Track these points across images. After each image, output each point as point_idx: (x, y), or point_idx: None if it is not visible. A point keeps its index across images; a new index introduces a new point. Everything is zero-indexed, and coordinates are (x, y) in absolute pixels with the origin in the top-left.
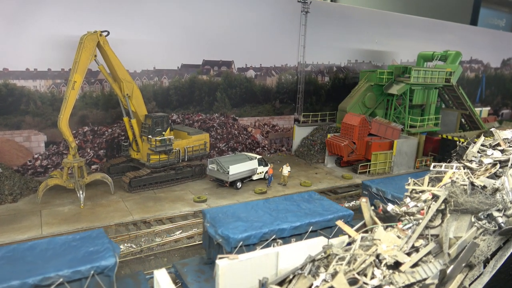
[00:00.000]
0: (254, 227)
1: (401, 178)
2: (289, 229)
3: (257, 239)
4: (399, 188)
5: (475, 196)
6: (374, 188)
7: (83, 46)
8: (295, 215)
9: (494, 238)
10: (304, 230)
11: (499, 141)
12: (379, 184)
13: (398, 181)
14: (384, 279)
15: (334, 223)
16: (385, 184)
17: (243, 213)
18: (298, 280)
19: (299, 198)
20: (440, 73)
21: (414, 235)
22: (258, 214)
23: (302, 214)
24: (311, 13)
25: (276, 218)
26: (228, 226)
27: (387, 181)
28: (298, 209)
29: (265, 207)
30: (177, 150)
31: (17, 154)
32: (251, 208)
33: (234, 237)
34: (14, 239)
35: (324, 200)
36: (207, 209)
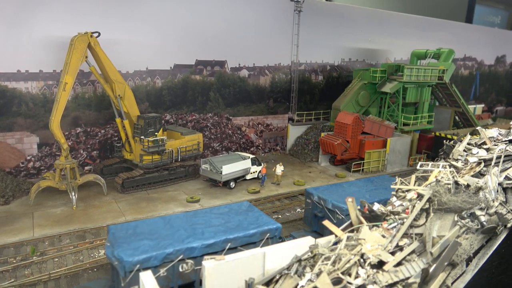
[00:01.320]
0: (159, 247)
1: (351, 184)
2: (200, 248)
3: (158, 261)
4: (343, 197)
5: (458, 195)
6: (316, 196)
7: (74, 48)
8: (214, 231)
9: (477, 236)
10: (220, 248)
11: (485, 140)
12: (322, 192)
13: (346, 187)
14: (368, 278)
15: (258, 238)
16: (329, 192)
17: (156, 229)
18: (284, 280)
19: (229, 209)
20: (433, 71)
21: (398, 234)
22: (172, 230)
23: (222, 229)
24: (304, 12)
25: (191, 234)
26: (128, 246)
27: (332, 188)
28: (223, 222)
29: (185, 221)
30: (170, 150)
31: (10, 156)
32: (168, 223)
33: (128, 260)
34: (5, 241)
35: (255, 211)
36: (113, 226)
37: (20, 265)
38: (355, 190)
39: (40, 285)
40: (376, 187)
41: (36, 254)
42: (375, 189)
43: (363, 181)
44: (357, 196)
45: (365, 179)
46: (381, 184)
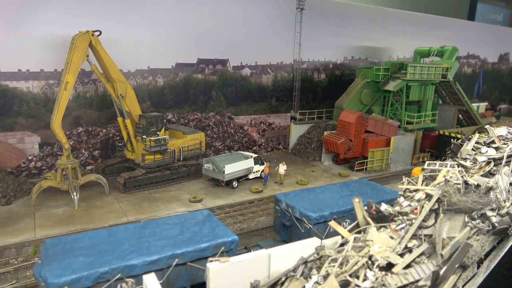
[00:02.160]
0: (93, 265)
1: (324, 189)
2: (142, 266)
3: (91, 282)
4: (312, 204)
5: (468, 196)
6: (284, 203)
7: (75, 46)
8: (162, 245)
9: (488, 238)
10: (165, 264)
11: (494, 139)
12: (291, 198)
13: (318, 193)
14: (377, 281)
15: (211, 252)
16: (299, 198)
17: (97, 243)
18: (290, 283)
19: (185, 219)
20: (437, 69)
21: (407, 235)
22: (116, 244)
23: (171, 243)
24: (307, 10)
25: (136, 249)
26: (58, 264)
27: (304, 194)
28: (174, 235)
29: (132, 233)
30: (172, 150)
31: (11, 156)
32: (113, 235)
33: (53, 282)
34: (6, 242)
35: (214, 221)
36: (49, 240)
37: (21, 266)
38: (327, 196)
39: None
40: (352, 192)
41: (37, 255)
42: (350, 194)
43: (339, 186)
44: (329, 202)
45: (341, 183)
46: (358, 189)
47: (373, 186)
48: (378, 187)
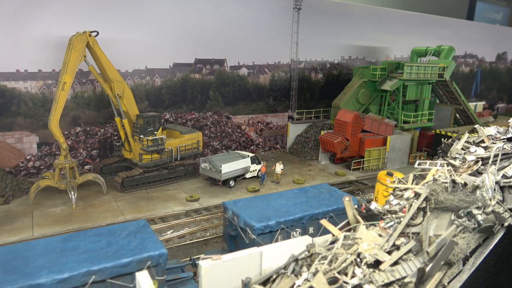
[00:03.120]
0: None
1: (280, 195)
2: (51, 284)
3: None
4: (260, 212)
5: (455, 194)
6: (230, 211)
7: (72, 47)
8: (80, 260)
9: (474, 235)
10: (80, 282)
11: (483, 138)
12: (239, 206)
13: (272, 199)
14: (364, 278)
15: (135, 268)
16: (248, 206)
17: (9, 259)
18: (281, 280)
19: (117, 229)
20: (433, 68)
21: (395, 233)
22: (31, 259)
23: (91, 258)
24: (304, 9)
25: (51, 265)
26: None
27: (255, 201)
28: (98, 248)
29: (54, 246)
30: (170, 149)
31: (9, 156)
32: (30, 250)
33: None
34: (4, 241)
35: (147, 232)
36: None
37: None
38: (280, 203)
39: None
40: (308, 199)
41: None
42: (305, 201)
43: (296, 192)
44: (280, 210)
45: (300, 189)
46: (315, 195)
47: (333, 191)
48: (337, 192)
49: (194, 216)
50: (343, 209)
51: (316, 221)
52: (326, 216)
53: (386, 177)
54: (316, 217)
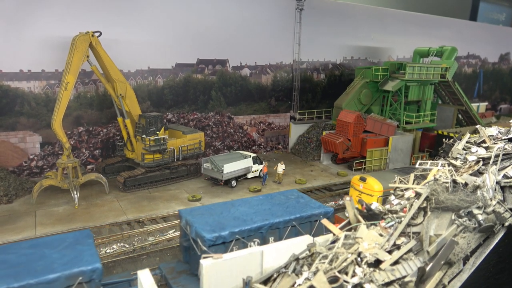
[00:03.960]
0: None
1: (244, 202)
2: None
3: None
4: (216, 221)
5: (456, 194)
6: (184, 220)
7: (75, 47)
8: (3, 275)
9: (474, 235)
10: None
11: (485, 138)
12: (195, 214)
13: (234, 207)
14: (365, 277)
15: (64, 284)
16: (205, 214)
17: None
18: (282, 279)
19: (55, 240)
20: (436, 69)
21: (395, 233)
22: None
23: (16, 273)
24: (306, 10)
25: None
26: None
27: (213, 209)
28: (32, 260)
29: None
30: (172, 149)
31: (13, 155)
32: None
33: None
34: (7, 240)
35: (86, 245)
36: None
37: None
38: (242, 211)
39: None
40: (273, 206)
41: None
42: (269, 208)
43: (261, 199)
44: (240, 218)
45: (266, 195)
46: (282, 202)
47: (300, 198)
48: (305, 199)
49: None
50: (307, 217)
51: (277, 231)
52: (287, 225)
53: (359, 182)
54: (276, 226)
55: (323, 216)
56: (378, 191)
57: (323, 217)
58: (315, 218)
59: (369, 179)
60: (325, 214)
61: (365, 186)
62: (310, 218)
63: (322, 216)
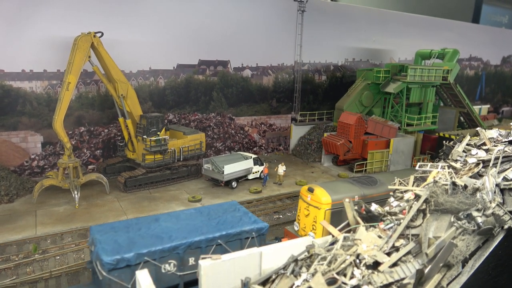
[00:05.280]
0: None
1: (169, 217)
2: None
3: None
4: (129, 239)
5: (455, 196)
6: (91, 238)
7: (77, 47)
8: None
9: (473, 238)
10: None
11: (485, 141)
12: (105, 231)
13: (155, 223)
14: (363, 279)
15: None
16: (118, 231)
17: None
18: (280, 280)
19: None
20: (437, 71)
21: (394, 235)
22: None
23: None
24: (308, 11)
25: None
26: None
27: (131, 224)
28: None
29: None
30: (173, 150)
31: (14, 155)
32: None
33: None
34: (8, 239)
35: None
36: None
37: (22, 263)
38: (164, 227)
39: (41, 282)
40: (202, 221)
41: (38, 252)
42: (196, 224)
43: (193, 212)
44: (159, 236)
45: (201, 208)
46: (215, 216)
47: (237, 212)
48: (241, 213)
49: None
50: (236, 235)
51: (198, 250)
52: (211, 244)
53: (307, 193)
54: (197, 246)
55: (255, 233)
56: (326, 204)
57: (256, 233)
58: (246, 235)
59: (317, 189)
60: (258, 231)
61: (313, 197)
62: (240, 236)
63: (255, 233)
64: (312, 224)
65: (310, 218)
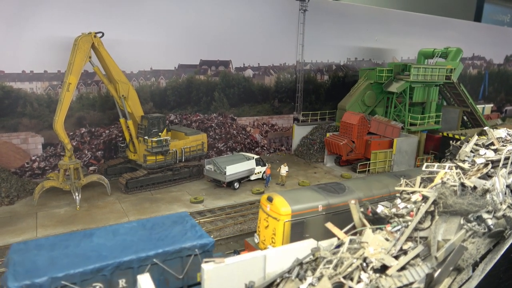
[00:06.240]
0: None
1: (105, 232)
2: None
3: None
4: (51, 259)
5: (464, 198)
6: (7, 258)
7: (78, 48)
8: None
9: (484, 240)
10: None
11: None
12: (26, 250)
13: (87, 239)
14: (371, 283)
15: None
16: (39, 249)
17: None
18: (285, 284)
19: None
20: (441, 70)
21: (402, 237)
22: None
23: None
24: (310, 11)
25: None
26: None
27: (61, 241)
28: None
29: None
30: (174, 150)
31: (15, 156)
32: None
33: None
34: (8, 241)
35: None
36: None
37: None
38: (96, 244)
39: None
40: (141, 236)
41: None
42: (132, 240)
43: (135, 226)
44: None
45: (145, 220)
46: (158, 230)
47: (185, 225)
48: (188, 227)
49: (198, 218)
50: (175, 252)
51: (130, 271)
52: (145, 264)
53: (266, 203)
54: (128, 266)
55: (198, 250)
56: (285, 215)
57: (199, 250)
58: (187, 252)
59: (276, 199)
60: (202, 247)
61: (272, 208)
62: (180, 253)
63: (198, 250)
64: (272, 237)
65: (270, 230)
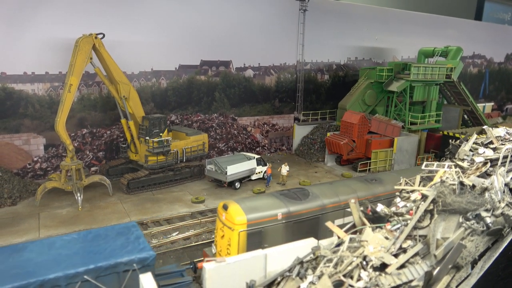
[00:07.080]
0: None
1: (42, 245)
2: None
3: None
4: None
5: (463, 196)
6: None
7: (79, 49)
8: None
9: (482, 238)
10: None
11: (492, 139)
12: None
13: (22, 252)
14: (370, 281)
15: None
16: None
17: None
18: (286, 283)
19: None
20: (441, 69)
21: (401, 236)
22: None
23: None
24: (310, 11)
25: None
26: None
27: None
28: None
29: None
30: (175, 151)
31: (17, 157)
32: None
33: None
34: (11, 242)
35: None
36: None
37: None
38: (27, 260)
39: None
40: (77, 252)
41: None
42: (66, 254)
43: (75, 238)
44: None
45: (87, 231)
46: (99, 243)
47: (128, 237)
48: (131, 239)
49: (200, 218)
50: (110, 268)
51: None
52: (75, 281)
53: (222, 211)
54: (55, 284)
55: (137, 265)
56: (240, 224)
57: (138, 265)
58: (124, 267)
59: (232, 207)
60: (141, 262)
61: (227, 216)
62: (116, 269)
63: (136, 265)
64: (227, 248)
65: (225, 241)
